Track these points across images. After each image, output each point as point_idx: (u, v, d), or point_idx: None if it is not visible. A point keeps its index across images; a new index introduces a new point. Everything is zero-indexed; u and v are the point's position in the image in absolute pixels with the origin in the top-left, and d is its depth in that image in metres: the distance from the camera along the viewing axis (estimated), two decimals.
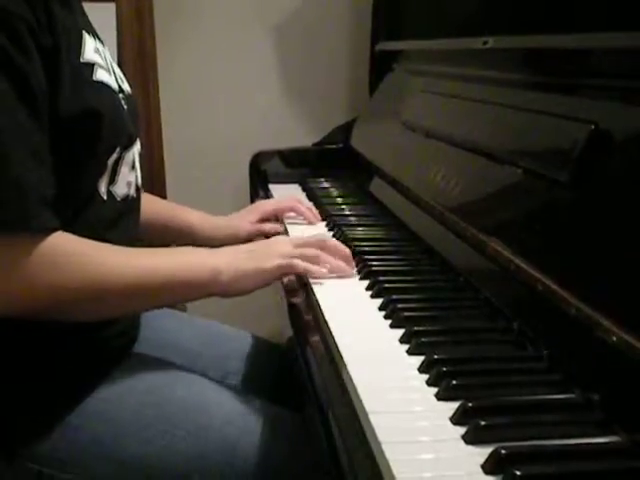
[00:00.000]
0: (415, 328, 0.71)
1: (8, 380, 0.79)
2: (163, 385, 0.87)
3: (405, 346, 0.69)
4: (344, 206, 1.28)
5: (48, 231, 0.73)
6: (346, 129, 1.60)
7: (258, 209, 1.21)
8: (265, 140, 1.64)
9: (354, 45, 1.88)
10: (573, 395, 0.58)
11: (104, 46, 0.92)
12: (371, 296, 0.83)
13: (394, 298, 0.80)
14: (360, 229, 1.12)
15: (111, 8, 1.68)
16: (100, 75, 0.82)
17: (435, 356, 0.65)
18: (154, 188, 1.80)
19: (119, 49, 1.68)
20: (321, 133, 1.67)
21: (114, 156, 0.84)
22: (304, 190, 1.45)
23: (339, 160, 1.56)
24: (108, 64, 0.88)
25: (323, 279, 0.86)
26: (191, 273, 0.82)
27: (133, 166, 0.91)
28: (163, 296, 0.83)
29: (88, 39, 0.82)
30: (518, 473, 0.47)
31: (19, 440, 0.79)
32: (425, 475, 0.50)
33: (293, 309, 0.82)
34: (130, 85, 0.96)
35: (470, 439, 0.53)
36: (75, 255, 0.75)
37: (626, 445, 0.52)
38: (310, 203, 1.27)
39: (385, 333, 0.73)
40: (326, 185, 1.46)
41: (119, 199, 0.87)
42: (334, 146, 1.61)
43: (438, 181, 1.00)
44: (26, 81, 0.71)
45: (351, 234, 1.07)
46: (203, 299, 0.86)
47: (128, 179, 0.89)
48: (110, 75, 0.86)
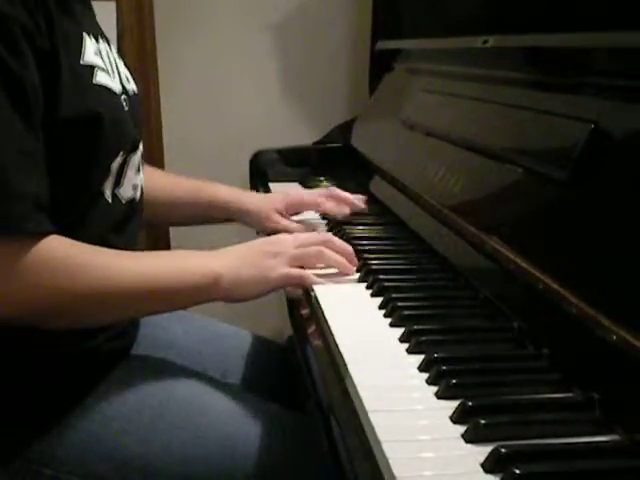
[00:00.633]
0: (415, 327, 0.71)
1: (7, 381, 0.79)
2: (163, 385, 0.87)
3: (405, 345, 0.69)
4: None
5: (42, 235, 0.72)
6: (346, 128, 1.60)
7: (286, 201, 1.13)
8: (265, 139, 1.64)
9: (354, 44, 1.88)
10: (573, 394, 0.58)
11: (110, 45, 0.92)
12: (371, 295, 0.83)
13: (394, 297, 0.80)
14: (360, 228, 1.12)
15: (111, 7, 1.69)
16: (100, 78, 0.81)
17: (435, 355, 0.65)
18: None
19: (119, 48, 1.68)
20: (321, 132, 1.67)
21: (118, 160, 0.83)
22: (304, 189, 1.44)
23: (339, 159, 1.56)
24: (111, 65, 0.87)
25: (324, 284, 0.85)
26: (191, 278, 0.80)
27: (139, 169, 0.91)
28: (164, 300, 0.82)
29: (88, 41, 0.81)
30: (518, 472, 0.47)
31: (19, 440, 0.79)
32: (425, 474, 0.50)
33: (293, 308, 0.82)
34: (136, 83, 0.96)
35: (470, 438, 0.53)
36: (70, 259, 0.74)
37: (626, 444, 0.52)
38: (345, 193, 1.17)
39: (385, 332, 0.73)
40: (326, 184, 1.46)
41: (124, 202, 0.87)
42: (334, 145, 1.60)
43: (438, 180, 1.00)
44: (20, 85, 0.69)
45: (351, 233, 1.07)
46: (192, 307, 0.85)
47: (134, 182, 0.89)
48: (112, 77, 0.85)
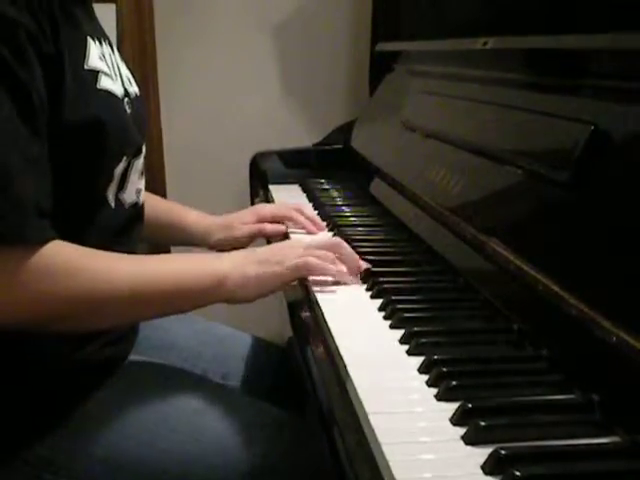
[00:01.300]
0: (415, 329, 0.71)
1: (7, 386, 0.79)
2: (163, 387, 0.87)
3: (405, 347, 0.69)
4: (344, 207, 1.28)
5: (45, 242, 0.71)
6: (346, 130, 1.60)
7: (255, 211, 1.18)
8: (265, 140, 1.64)
9: (354, 46, 1.88)
10: (573, 395, 0.58)
11: (113, 48, 0.92)
12: (371, 297, 0.83)
13: (394, 299, 0.80)
14: (360, 230, 1.12)
15: (111, 8, 1.69)
16: (104, 83, 0.81)
17: (435, 357, 0.65)
18: (154, 188, 1.80)
19: (119, 50, 1.67)
20: (321, 133, 1.67)
21: (121, 165, 0.83)
22: (304, 191, 1.45)
23: (339, 161, 1.56)
24: (114, 68, 0.87)
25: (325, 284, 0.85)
26: (195, 279, 0.80)
27: (142, 173, 0.91)
28: (168, 304, 0.81)
29: (93, 46, 0.81)
30: (518, 474, 0.47)
31: (17, 444, 0.78)
32: (425, 476, 0.50)
33: (293, 310, 0.82)
34: (138, 86, 0.96)
35: (470, 440, 0.53)
36: (71, 263, 0.74)
37: (626, 445, 0.52)
38: (314, 212, 1.21)
39: (385, 334, 0.73)
40: (326, 186, 1.46)
41: (127, 206, 0.87)
42: (334, 147, 1.60)
43: (438, 181, 1.00)
44: (25, 91, 0.69)
45: (351, 235, 1.07)
46: (197, 309, 0.84)
47: (137, 186, 0.89)
48: (115, 80, 0.85)
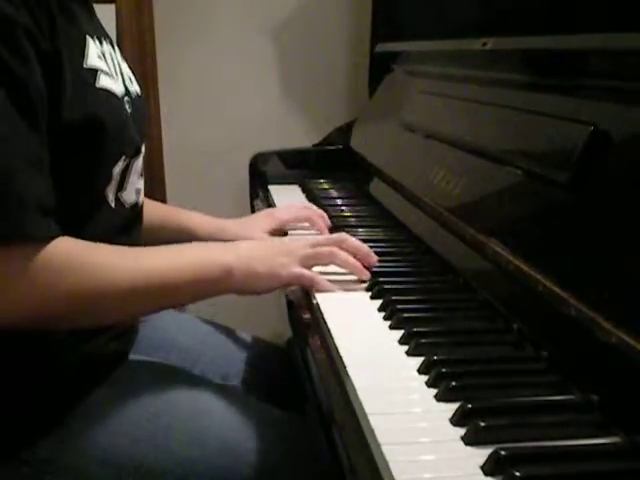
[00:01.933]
0: (415, 329, 0.71)
1: (6, 385, 0.79)
2: (162, 387, 0.87)
3: (404, 347, 0.69)
4: (343, 207, 1.28)
5: (49, 239, 0.71)
6: (346, 130, 1.60)
7: (273, 216, 1.13)
8: (265, 141, 1.64)
9: (354, 46, 1.89)
10: (572, 396, 0.58)
11: (114, 46, 0.92)
12: (371, 297, 0.83)
13: (394, 299, 0.80)
14: (360, 230, 1.12)
15: (111, 8, 1.69)
16: (103, 82, 0.80)
17: (435, 357, 0.65)
18: (154, 189, 1.81)
19: (119, 50, 1.68)
20: (321, 134, 1.67)
21: (120, 164, 0.83)
22: (304, 191, 1.45)
23: (339, 161, 1.56)
24: (115, 67, 0.87)
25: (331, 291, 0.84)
26: (204, 269, 0.80)
27: (142, 173, 0.91)
28: (175, 294, 0.80)
29: (92, 45, 0.81)
30: (517, 474, 0.47)
31: (17, 446, 0.78)
32: (425, 476, 0.50)
33: (293, 310, 0.82)
34: (139, 85, 0.96)
35: (470, 440, 0.53)
36: (76, 258, 0.73)
37: (625, 446, 0.52)
38: (320, 210, 1.18)
39: (385, 334, 0.73)
40: (326, 186, 1.46)
41: (127, 206, 0.87)
42: (334, 147, 1.60)
43: (438, 182, 1.00)
44: (24, 89, 0.69)
45: (351, 235, 1.06)
46: (201, 300, 0.84)
47: (137, 186, 0.89)
48: (115, 80, 0.84)
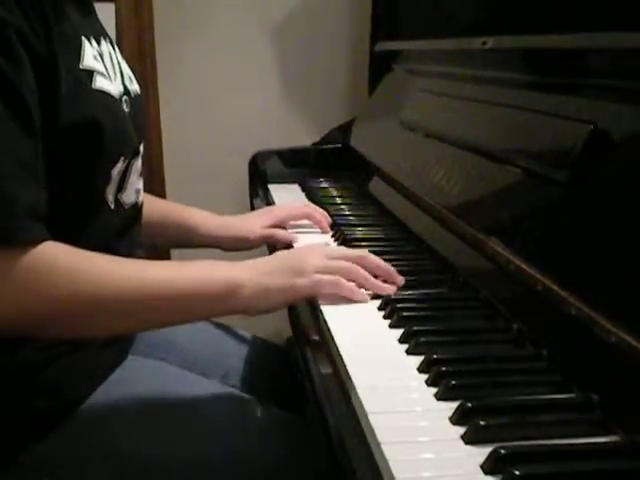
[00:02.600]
0: (414, 328, 0.71)
1: (3, 386, 0.78)
2: (162, 387, 0.87)
3: (404, 346, 0.69)
4: (343, 206, 1.28)
5: (35, 243, 0.69)
6: (345, 129, 1.60)
7: (272, 213, 1.14)
8: (264, 140, 1.64)
9: (353, 45, 1.88)
10: (573, 395, 0.58)
11: (113, 45, 0.91)
12: (371, 296, 0.83)
13: (393, 298, 0.80)
14: (359, 229, 1.12)
15: (110, 8, 1.69)
16: (100, 83, 0.80)
17: (434, 356, 0.65)
18: (153, 188, 1.81)
19: (118, 49, 1.68)
20: (320, 133, 1.67)
21: (119, 166, 0.82)
22: (303, 190, 1.45)
23: (338, 160, 1.56)
24: (114, 66, 0.87)
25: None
26: (209, 286, 0.76)
27: (141, 173, 0.90)
28: (176, 311, 0.76)
29: (87, 46, 0.80)
30: (517, 473, 0.47)
31: (15, 446, 0.78)
32: (424, 475, 0.50)
33: (292, 309, 0.82)
34: (139, 84, 0.95)
35: (469, 439, 0.53)
36: (68, 265, 0.71)
37: (625, 445, 0.52)
38: (322, 210, 1.17)
39: (384, 333, 0.73)
40: (325, 185, 1.46)
41: (127, 207, 0.86)
42: (333, 146, 1.60)
43: (437, 181, 1.00)
44: (16, 92, 0.68)
45: (350, 234, 1.07)
46: (206, 319, 0.82)
47: (136, 187, 0.89)
48: (112, 80, 0.84)
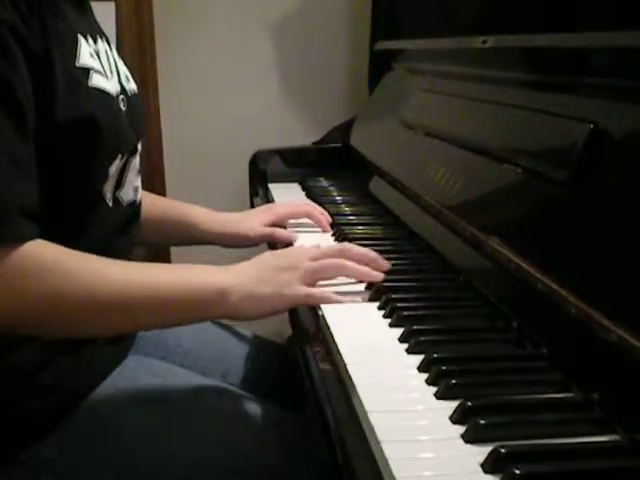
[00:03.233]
0: (414, 327, 0.71)
1: (5, 386, 0.78)
2: (162, 386, 0.87)
3: (404, 345, 0.69)
4: (343, 205, 1.28)
5: (24, 241, 0.68)
6: (345, 128, 1.60)
7: (272, 211, 1.14)
8: (264, 139, 1.64)
9: (353, 44, 1.88)
10: (573, 394, 0.58)
11: (110, 44, 0.91)
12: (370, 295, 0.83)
13: (393, 297, 0.80)
14: (359, 228, 1.12)
15: (110, 7, 1.69)
16: (96, 81, 0.80)
17: (434, 355, 0.65)
18: (154, 187, 1.81)
19: (118, 49, 1.66)
20: (320, 132, 1.67)
21: (116, 163, 0.82)
22: (303, 189, 1.45)
23: (338, 159, 1.56)
24: (110, 65, 0.86)
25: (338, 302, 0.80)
26: (195, 291, 0.75)
27: (139, 170, 0.90)
28: (162, 314, 0.76)
29: (84, 43, 0.80)
30: (517, 472, 0.47)
31: (16, 446, 0.78)
32: (424, 474, 0.50)
33: (292, 308, 0.82)
34: (137, 83, 0.95)
35: (469, 438, 0.53)
36: (58, 264, 0.71)
37: (625, 444, 0.52)
38: (322, 209, 1.17)
39: (384, 332, 0.73)
40: (325, 184, 1.46)
41: (125, 205, 0.86)
42: (333, 145, 1.60)
43: (437, 180, 1.00)
44: (10, 89, 0.68)
45: (350, 233, 1.07)
46: (189, 324, 0.82)
47: (135, 184, 0.89)
48: (109, 78, 0.84)
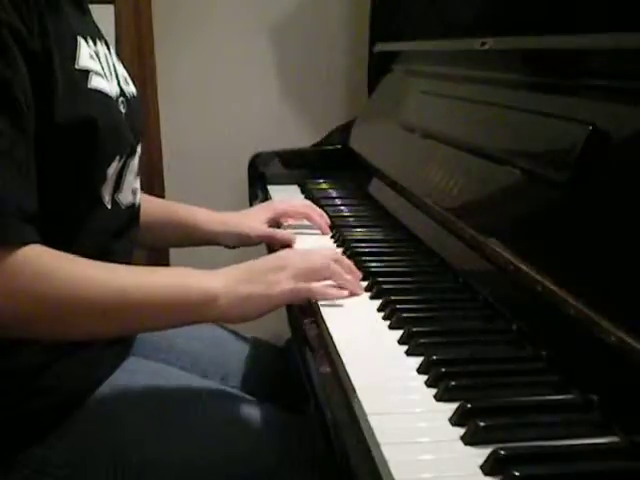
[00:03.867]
0: (414, 329, 0.71)
1: (5, 387, 0.78)
2: (162, 388, 0.87)
3: (404, 347, 0.69)
4: (343, 207, 1.28)
5: (22, 244, 0.68)
6: (345, 130, 1.60)
7: (271, 207, 1.15)
8: (264, 141, 1.64)
9: (353, 46, 1.88)
10: (572, 396, 0.58)
11: (109, 47, 0.91)
12: (370, 297, 0.83)
13: (393, 299, 0.80)
14: (359, 230, 1.12)
15: (110, 10, 1.69)
16: (95, 82, 0.79)
17: (434, 357, 0.65)
18: (153, 189, 1.81)
19: (117, 51, 1.68)
20: (320, 134, 1.67)
21: (114, 164, 0.82)
22: (303, 191, 1.45)
23: (338, 161, 1.56)
24: (109, 67, 0.86)
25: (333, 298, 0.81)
26: (185, 294, 0.75)
27: (138, 173, 0.90)
28: (152, 318, 0.76)
29: (84, 45, 0.80)
30: (517, 474, 0.47)
31: (17, 447, 0.78)
32: (424, 476, 0.50)
33: (291, 310, 0.82)
34: (136, 86, 0.95)
35: (469, 440, 0.53)
36: (52, 267, 0.70)
37: (625, 445, 0.52)
38: (321, 211, 1.18)
39: (384, 334, 0.73)
40: (325, 186, 1.46)
41: (124, 207, 0.86)
42: (333, 147, 1.60)
43: (437, 182, 1.00)
44: (9, 90, 0.68)
45: (350, 235, 1.07)
46: (179, 327, 0.81)
47: (133, 186, 0.88)
48: (108, 80, 0.84)
